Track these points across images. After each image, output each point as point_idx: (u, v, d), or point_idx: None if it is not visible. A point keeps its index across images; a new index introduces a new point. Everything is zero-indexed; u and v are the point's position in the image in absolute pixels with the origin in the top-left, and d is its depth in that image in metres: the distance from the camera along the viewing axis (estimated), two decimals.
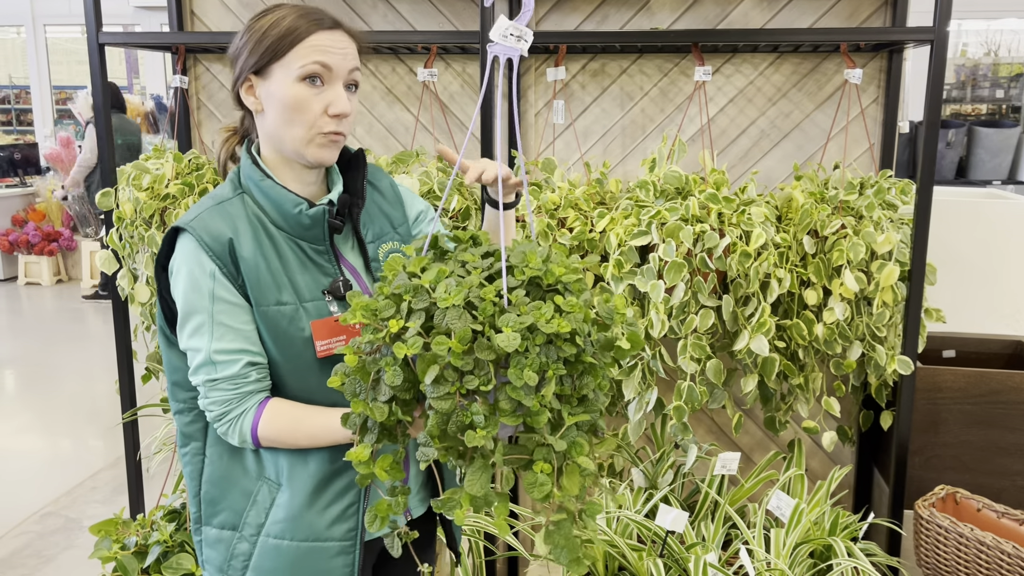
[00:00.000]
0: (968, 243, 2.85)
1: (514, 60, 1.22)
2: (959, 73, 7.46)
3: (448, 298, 1.09)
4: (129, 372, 2.48)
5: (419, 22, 2.48)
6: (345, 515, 1.36)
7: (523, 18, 1.23)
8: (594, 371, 1.13)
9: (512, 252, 1.17)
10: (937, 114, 2.04)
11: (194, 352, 1.30)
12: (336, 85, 1.30)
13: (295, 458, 1.34)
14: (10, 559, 3.05)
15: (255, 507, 1.36)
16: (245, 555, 1.36)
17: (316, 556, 1.34)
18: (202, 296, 1.27)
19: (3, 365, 5.42)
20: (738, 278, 2.04)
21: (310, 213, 1.31)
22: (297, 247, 1.33)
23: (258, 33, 1.30)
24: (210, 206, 1.32)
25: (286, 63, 1.28)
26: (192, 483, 1.41)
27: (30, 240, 7.62)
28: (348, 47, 1.32)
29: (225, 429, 1.32)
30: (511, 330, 1.05)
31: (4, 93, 10.08)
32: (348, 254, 1.40)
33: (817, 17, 2.33)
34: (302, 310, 1.31)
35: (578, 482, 1.11)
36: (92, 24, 2.29)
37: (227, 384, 1.29)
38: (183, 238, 1.29)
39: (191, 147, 2.63)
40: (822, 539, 2.02)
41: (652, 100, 2.44)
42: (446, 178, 2.25)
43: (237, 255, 1.28)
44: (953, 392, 2.34)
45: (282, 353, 1.31)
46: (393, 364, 1.10)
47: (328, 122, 1.29)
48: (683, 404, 2.04)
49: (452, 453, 1.12)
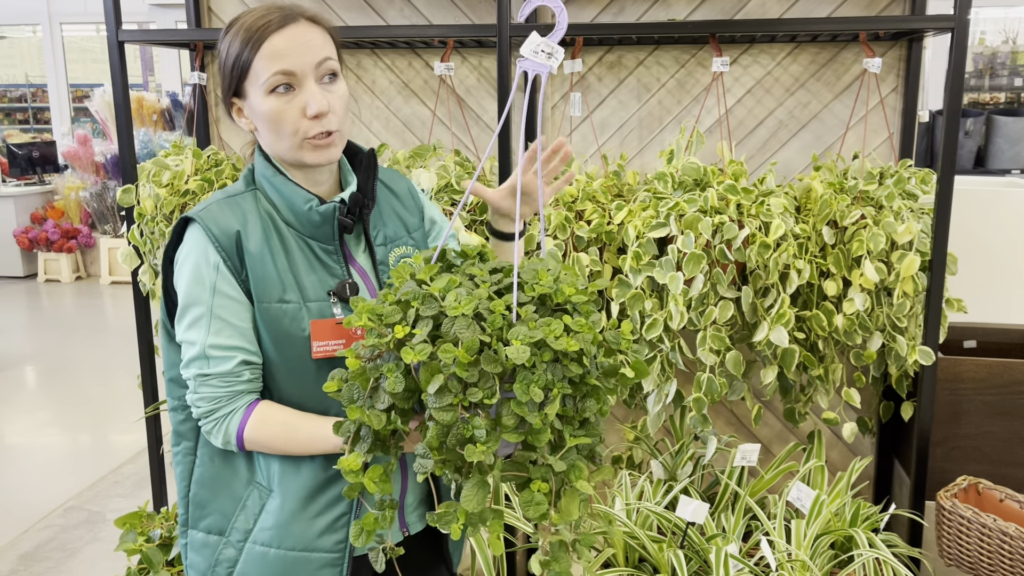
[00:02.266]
0: (988, 232, 2.83)
1: (543, 76, 1.21)
2: (977, 61, 7.39)
3: (458, 307, 1.07)
4: (151, 367, 2.50)
5: (435, 16, 2.48)
6: (335, 526, 1.33)
7: (555, 35, 1.22)
8: (597, 394, 1.11)
9: (523, 268, 1.16)
10: (958, 102, 2.03)
11: (189, 345, 1.27)
12: (307, 85, 1.24)
13: (287, 464, 1.31)
14: (35, 552, 3.09)
15: (244, 512, 1.33)
16: (230, 561, 1.32)
17: (303, 566, 1.31)
18: (204, 288, 1.25)
19: (25, 361, 5.48)
20: (757, 269, 2.04)
21: (320, 210, 1.29)
22: (306, 246, 1.31)
23: (222, 56, 1.28)
24: (221, 199, 1.30)
25: (253, 78, 1.25)
26: (181, 484, 1.37)
27: (49, 237, 7.69)
28: (310, 39, 1.25)
29: (210, 428, 1.29)
30: (520, 343, 1.04)
31: (21, 92, 10.17)
32: (359, 256, 1.38)
33: (835, 6, 2.32)
34: (305, 310, 1.28)
35: (577, 506, 1.09)
36: (112, 21, 2.31)
37: (218, 381, 1.26)
38: (191, 228, 1.28)
39: (210, 143, 2.65)
40: (843, 530, 2.01)
41: (669, 91, 2.43)
42: (463, 171, 2.25)
43: (243, 249, 1.26)
44: (974, 383, 2.32)
45: (280, 353, 1.28)
46: (395, 371, 1.08)
47: (311, 125, 1.25)
48: (702, 396, 2.04)
49: (449, 467, 1.10)
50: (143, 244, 2.35)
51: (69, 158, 7.72)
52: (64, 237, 7.73)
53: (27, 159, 8.35)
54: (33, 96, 10.07)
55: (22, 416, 4.52)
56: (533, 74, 1.22)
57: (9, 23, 9.84)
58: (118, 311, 6.75)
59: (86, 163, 7.67)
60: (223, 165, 2.39)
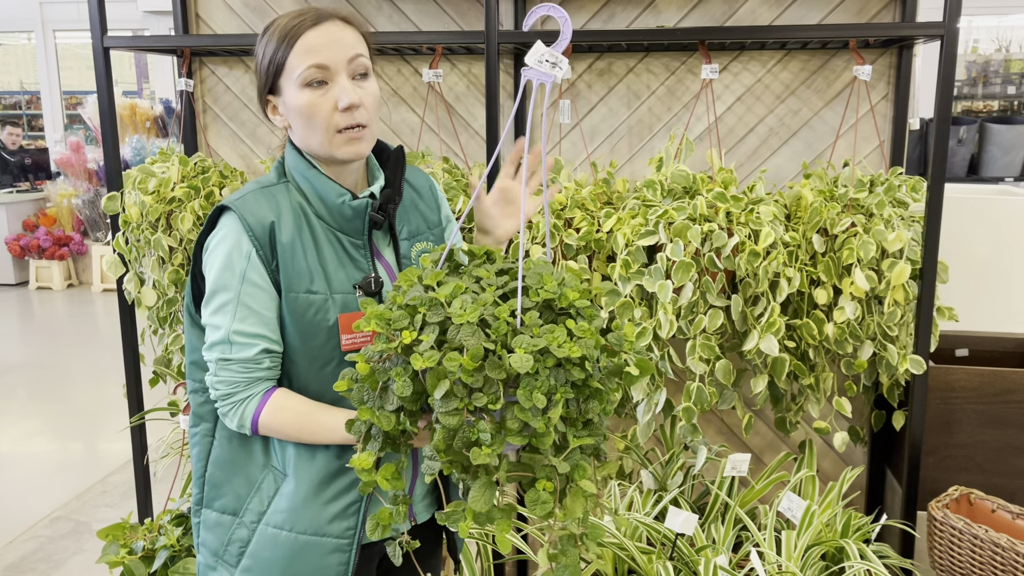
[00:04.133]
0: (980, 241, 2.82)
1: (547, 85, 1.21)
2: (970, 69, 7.41)
3: (463, 314, 1.10)
4: (136, 376, 2.48)
5: (424, 23, 2.47)
6: (346, 513, 1.36)
7: (560, 44, 1.23)
8: (600, 396, 1.14)
9: (528, 272, 1.18)
10: (948, 110, 2.02)
11: (214, 329, 1.30)
12: (339, 79, 1.29)
13: (302, 450, 1.35)
14: (20, 563, 3.05)
15: (258, 494, 1.37)
16: (243, 541, 1.37)
17: (313, 550, 1.34)
18: (234, 275, 1.28)
19: (14, 369, 5.44)
20: (747, 277, 2.02)
21: (353, 204, 1.33)
22: (336, 239, 1.34)
23: (258, 58, 1.34)
24: (255, 189, 1.34)
25: (288, 74, 1.30)
26: (198, 464, 1.41)
27: (41, 245, 7.65)
28: (342, 36, 1.30)
29: (226, 410, 1.32)
30: (524, 352, 1.07)
31: (15, 99, 10.14)
32: (384, 251, 1.41)
33: (825, 13, 2.31)
34: (331, 300, 1.31)
35: (582, 504, 1.13)
36: (97, 28, 2.29)
37: (239, 366, 1.30)
38: (227, 216, 1.31)
39: (197, 150, 2.63)
40: (834, 541, 1.99)
41: (659, 99, 2.42)
42: (451, 179, 2.24)
43: (276, 239, 1.29)
44: (966, 391, 2.31)
45: (304, 342, 1.32)
46: (403, 375, 1.12)
47: (342, 118, 1.29)
48: (692, 405, 2.03)
49: (456, 467, 1.14)
50: (128, 252, 2.32)
51: (61, 165, 7.70)
52: (56, 244, 7.69)
53: (19, 166, 8.32)
54: (27, 103, 10.05)
55: (10, 424, 4.48)
56: (537, 83, 1.22)
57: (3, 30, 9.83)
58: (110, 319, 6.72)
59: (79, 170, 7.65)
60: (210, 172, 2.37)
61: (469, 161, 2.49)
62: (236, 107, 2.62)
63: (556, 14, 1.23)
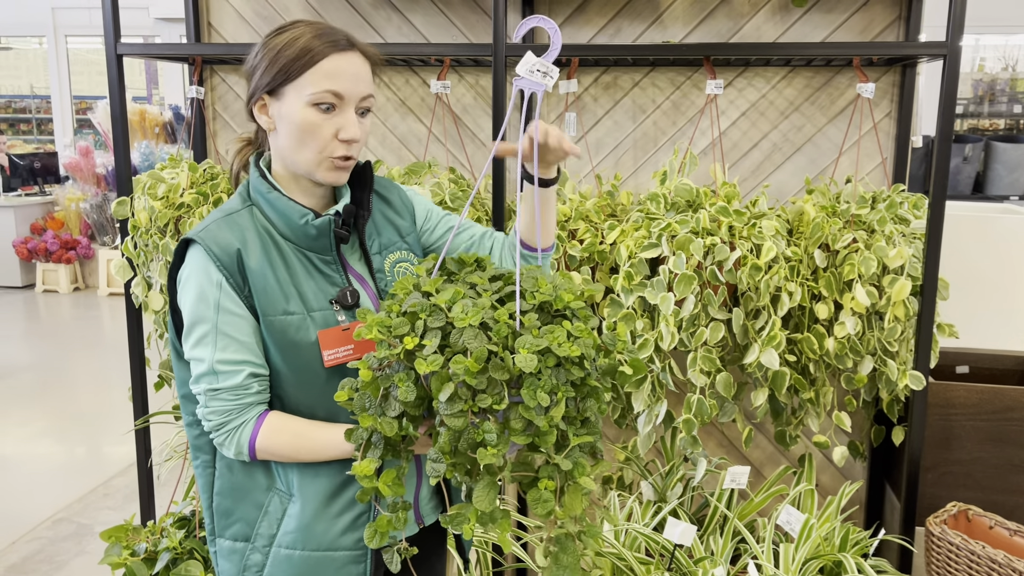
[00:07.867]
0: (983, 258, 2.83)
1: (538, 95, 1.23)
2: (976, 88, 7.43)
3: (465, 318, 1.12)
4: (142, 379, 2.50)
5: (433, 35, 2.50)
6: (356, 525, 1.37)
7: (550, 55, 1.24)
8: (596, 395, 1.17)
9: (524, 277, 1.21)
10: (950, 128, 2.04)
11: (197, 362, 1.30)
12: (348, 110, 1.30)
13: (305, 469, 1.35)
14: (22, 564, 3.07)
15: (267, 518, 1.37)
16: (258, 565, 1.37)
17: (328, 565, 1.35)
18: (208, 306, 1.28)
19: (20, 371, 5.47)
20: (748, 291, 2.04)
21: (316, 223, 1.32)
22: (305, 258, 1.34)
23: (272, 52, 1.30)
24: (219, 218, 1.33)
25: (298, 86, 1.28)
26: (204, 496, 1.42)
27: (48, 248, 7.70)
28: (362, 70, 1.32)
29: (222, 440, 1.32)
30: (527, 352, 1.09)
31: (25, 103, 10.22)
32: (356, 264, 1.41)
33: (830, 31, 2.34)
34: (309, 319, 1.31)
35: (580, 501, 1.15)
36: (111, 35, 2.32)
37: (229, 394, 1.30)
38: (193, 249, 1.31)
39: (206, 157, 2.66)
40: (832, 555, 2.00)
41: (664, 113, 2.44)
42: (458, 189, 2.26)
43: (245, 266, 1.29)
44: (966, 408, 2.32)
45: (288, 363, 1.32)
46: (406, 380, 1.13)
47: (338, 147, 1.30)
48: (693, 417, 2.04)
49: (459, 470, 1.15)
50: (137, 256, 2.35)
51: (70, 169, 7.75)
52: (63, 248, 7.73)
53: (28, 169, 8.37)
54: (37, 108, 10.12)
55: (15, 427, 4.51)
56: (529, 92, 1.24)
57: (15, 35, 9.91)
58: (115, 323, 6.75)
59: (87, 174, 7.69)
60: (219, 179, 2.39)
61: (476, 172, 2.52)
62: (246, 115, 2.64)
63: (546, 25, 1.25)
